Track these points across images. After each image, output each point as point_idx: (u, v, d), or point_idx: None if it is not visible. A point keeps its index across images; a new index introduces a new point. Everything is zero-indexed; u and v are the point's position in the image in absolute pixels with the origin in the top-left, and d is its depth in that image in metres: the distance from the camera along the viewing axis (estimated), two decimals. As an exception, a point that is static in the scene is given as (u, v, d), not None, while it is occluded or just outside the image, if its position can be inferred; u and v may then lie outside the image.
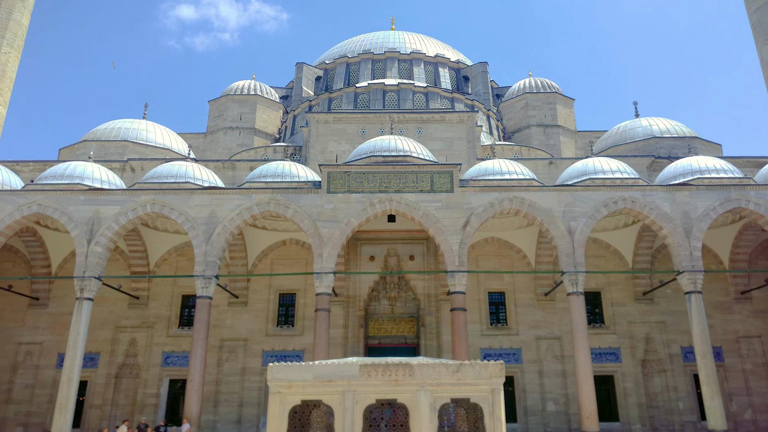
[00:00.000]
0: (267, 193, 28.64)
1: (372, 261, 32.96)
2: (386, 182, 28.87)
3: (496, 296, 33.17)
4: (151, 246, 33.08)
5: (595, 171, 31.60)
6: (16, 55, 47.78)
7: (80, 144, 41.48)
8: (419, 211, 28.23)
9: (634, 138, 41.89)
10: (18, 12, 48.29)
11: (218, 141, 49.52)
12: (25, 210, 28.24)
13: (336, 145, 39.99)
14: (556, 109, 49.53)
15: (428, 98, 48.76)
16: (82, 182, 30.83)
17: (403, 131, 39.64)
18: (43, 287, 32.72)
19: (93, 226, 27.90)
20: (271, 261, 33.48)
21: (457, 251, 27.43)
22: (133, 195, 28.71)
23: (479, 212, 28.24)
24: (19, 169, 37.22)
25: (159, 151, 41.78)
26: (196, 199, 28.55)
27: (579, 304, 27.12)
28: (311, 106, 50.25)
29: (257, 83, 53.00)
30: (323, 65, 56.00)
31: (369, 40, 57.00)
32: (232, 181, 37.45)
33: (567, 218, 28.10)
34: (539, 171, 36.90)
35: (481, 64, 54.38)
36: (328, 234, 27.71)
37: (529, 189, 28.91)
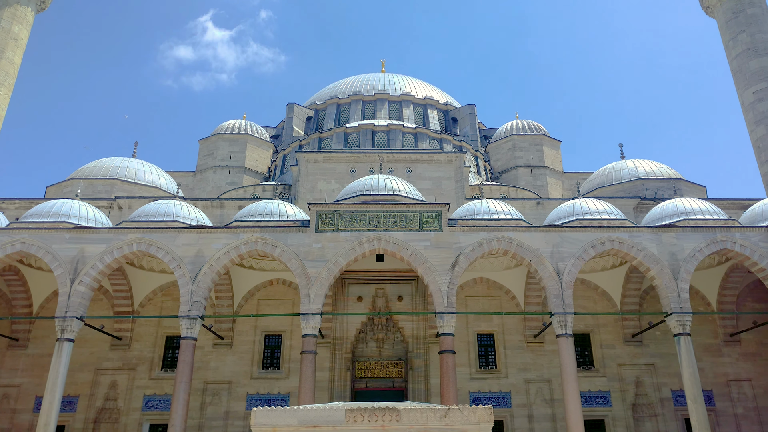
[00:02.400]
0: (255, 232, 28.47)
1: (360, 301, 32.65)
2: (375, 221, 28.86)
3: (485, 338, 32.83)
4: (136, 285, 32.60)
5: (582, 212, 31.84)
6: (6, 93, 47.95)
7: (68, 182, 41.29)
8: (408, 250, 28.15)
9: (620, 179, 42.45)
10: (10, 51, 48.71)
11: (207, 179, 49.53)
12: (8, 248, 27.82)
13: (326, 184, 40.11)
14: (543, 151, 50.25)
15: (417, 139, 49.33)
16: (68, 220, 30.51)
17: (392, 171, 39.93)
18: (23, 328, 31.97)
19: (77, 264, 27.50)
20: (258, 301, 33.05)
21: (445, 291, 27.26)
22: (120, 233, 28.43)
23: (468, 252, 28.21)
24: (5, 207, 36.90)
25: (147, 190, 41.65)
26: (183, 238, 28.30)
27: (568, 346, 26.88)
28: (301, 146, 50.61)
29: (248, 122, 53.43)
30: (314, 105, 56.68)
31: (359, 82, 57.95)
32: (220, 219, 37.29)
33: (555, 259, 28.13)
34: (527, 211, 37.13)
35: (468, 106, 55.30)
36: (316, 274, 27.48)
37: (517, 229, 29.01)
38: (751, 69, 34.88)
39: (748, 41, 35.93)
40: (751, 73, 34.74)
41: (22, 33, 50.48)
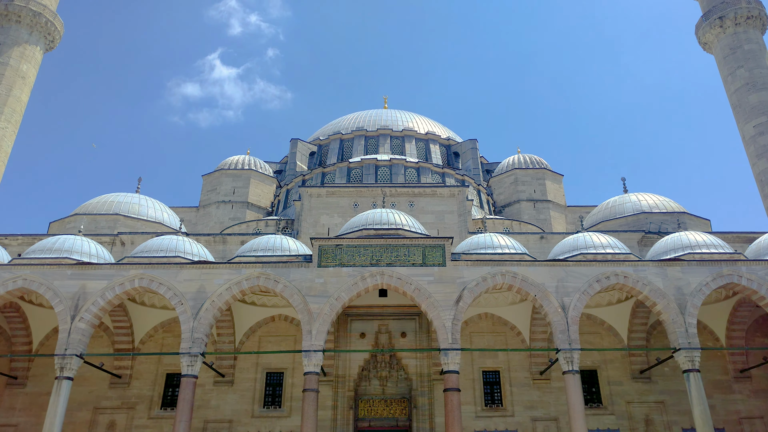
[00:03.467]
0: (257, 268, 28.28)
1: (362, 338, 32.18)
2: (378, 256, 28.66)
3: (490, 375, 32.22)
4: (137, 322, 32.27)
5: (586, 246, 31.69)
6: (13, 129, 48.55)
7: (71, 218, 41.37)
8: (411, 285, 27.87)
9: (623, 213, 42.36)
10: (18, 89, 49.50)
11: (210, 215, 49.60)
12: (9, 285, 27.65)
13: (328, 219, 40.09)
14: (546, 185, 50.34)
15: (420, 173, 49.52)
16: (70, 256, 30.46)
17: (395, 204, 39.96)
18: (22, 365, 31.54)
19: (78, 301, 27.27)
20: (259, 338, 32.64)
21: (450, 328, 26.87)
22: (122, 269, 28.28)
23: (472, 287, 27.91)
24: (8, 243, 36.88)
25: (150, 225, 41.66)
26: (185, 274, 28.11)
27: (575, 383, 26.33)
28: (305, 180, 50.83)
29: (251, 158, 53.80)
30: (317, 141, 57.15)
31: (362, 118, 58.56)
32: (222, 255, 37.18)
33: (560, 293, 27.81)
34: (530, 245, 36.95)
35: (470, 141, 55.69)
36: (318, 310, 27.16)
37: (521, 263, 28.76)
38: (751, 103, 35.17)
39: (746, 76, 36.34)
40: (751, 107, 35.01)
41: (30, 71, 51.36)
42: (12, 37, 50.34)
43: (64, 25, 54.36)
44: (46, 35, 52.70)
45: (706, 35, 43.98)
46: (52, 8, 53.76)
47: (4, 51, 49.74)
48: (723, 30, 42.74)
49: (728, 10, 42.91)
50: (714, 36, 43.41)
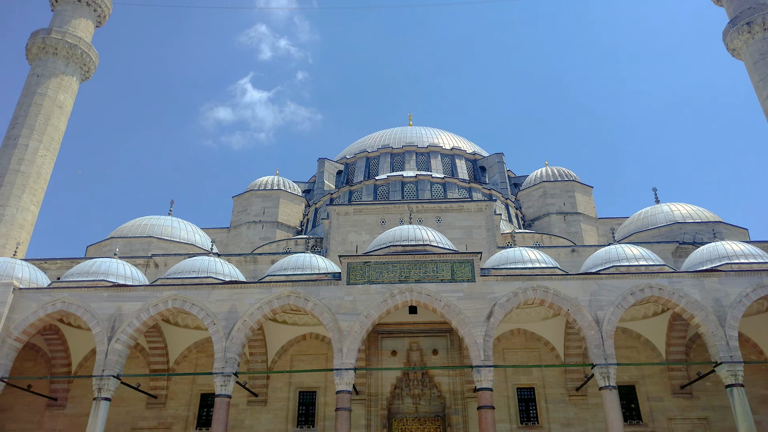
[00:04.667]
0: (287, 286, 28.50)
1: (394, 356, 32.04)
2: (406, 272, 28.61)
3: (525, 392, 31.66)
4: (172, 342, 32.76)
5: (618, 258, 31.09)
6: (51, 157, 50.29)
7: (107, 241, 42.40)
8: (441, 301, 27.70)
9: (656, 224, 41.50)
10: (56, 118, 51.34)
11: (241, 235, 50.31)
12: (49, 308, 28.42)
13: (356, 236, 40.26)
14: (575, 197, 49.71)
15: (446, 188, 49.46)
16: (107, 279, 31.16)
17: (422, 220, 39.92)
18: (62, 387, 32.22)
19: (115, 323, 27.85)
20: (291, 357, 32.78)
21: (482, 344, 26.57)
22: (156, 291, 28.82)
23: (503, 302, 27.61)
24: (47, 267, 37.94)
25: (183, 247, 42.41)
26: (217, 294, 28.49)
27: (613, 399, 25.71)
28: (332, 199, 51.23)
29: (280, 178, 54.55)
30: (344, 160, 57.67)
31: (387, 136, 58.96)
32: (253, 274, 37.59)
33: (593, 307, 27.30)
34: (561, 259, 36.42)
35: (497, 155, 55.45)
36: (348, 327, 27.18)
37: (552, 277, 28.37)
38: (785, 108, 34.22)
39: (779, 81, 35.41)
40: (785, 112, 34.06)
41: (68, 101, 53.30)
42: (50, 68, 52.38)
43: (98, 55, 56.32)
44: (81, 66, 54.65)
45: (735, 41, 43.24)
46: (87, 40, 55.80)
47: (42, 82, 51.75)
48: (752, 36, 41.99)
49: (756, 16, 42.17)
50: (742, 42, 42.64)
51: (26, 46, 53.77)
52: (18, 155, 47.31)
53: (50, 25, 55.26)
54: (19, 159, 47.16)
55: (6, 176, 46.20)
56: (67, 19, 55.36)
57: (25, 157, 47.45)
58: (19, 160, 47.11)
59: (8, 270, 31.87)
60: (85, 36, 56.04)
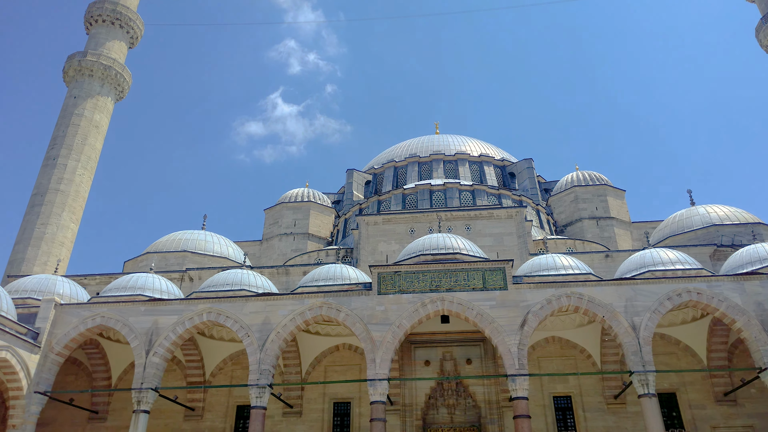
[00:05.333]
0: (319, 297, 28.69)
1: (427, 366, 31.90)
2: (437, 281, 28.51)
3: (561, 400, 31.14)
4: (207, 355, 33.26)
5: (654, 263, 30.49)
6: (89, 176, 51.80)
7: (143, 256, 43.38)
8: (473, 310, 27.51)
9: (692, 227, 40.53)
10: (93, 137, 52.92)
11: (273, 247, 50.91)
12: (89, 322, 29.18)
13: (386, 246, 40.35)
14: (608, 201, 48.94)
15: (475, 195, 49.22)
16: (143, 293, 31.87)
17: (451, 229, 39.79)
18: (102, 400, 32.97)
19: (152, 336, 28.43)
20: (325, 367, 32.91)
21: (516, 353, 26.28)
22: (191, 304, 29.35)
23: (536, 310, 27.28)
24: (87, 283, 39.01)
25: (216, 260, 43.11)
26: (251, 306, 28.84)
27: (653, 407, 25.10)
28: (361, 209, 51.49)
29: (310, 190, 55.12)
30: (372, 170, 57.95)
31: (415, 145, 59.07)
32: (286, 286, 37.97)
33: (629, 313, 26.77)
34: (595, 265, 35.87)
35: (526, 161, 54.99)
36: (380, 338, 27.19)
37: (586, 284, 27.93)
38: (826, 104, 33.13)
39: (818, 76, 34.32)
40: (826, 108, 32.97)
41: (103, 121, 54.92)
42: (86, 90, 54.10)
43: (132, 75, 57.95)
44: (116, 86, 56.30)
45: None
46: (120, 61, 57.50)
47: (78, 103, 53.46)
48: (788, 30, 40.80)
49: (792, 10, 40.98)
50: (778, 37, 41.48)
51: (63, 68, 55.65)
52: (57, 175, 48.86)
53: (85, 47, 57.13)
54: (59, 178, 48.69)
55: (46, 195, 47.75)
56: (102, 42, 57.15)
57: (64, 176, 48.97)
58: (58, 179, 48.64)
59: (50, 286, 32.90)
60: (119, 57, 57.74)
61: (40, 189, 48.47)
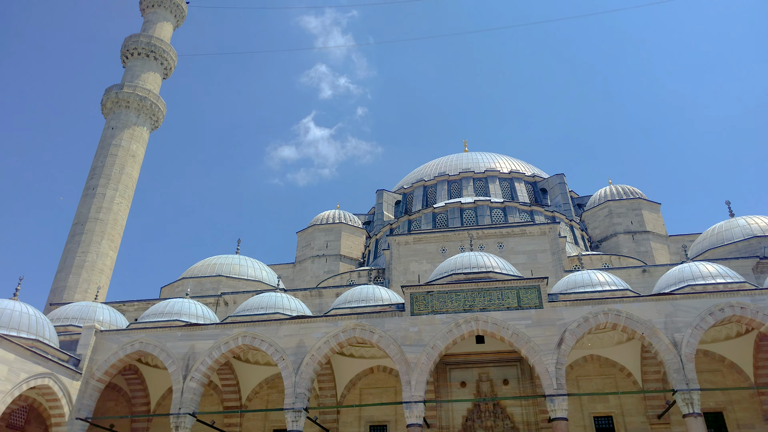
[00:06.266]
0: (352, 319, 28.67)
1: (463, 387, 31.47)
2: (470, 301, 28.23)
3: (602, 421, 30.29)
4: (243, 379, 33.49)
5: (693, 276, 29.67)
6: (126, 204, 53.26)
7: (179, 282, 44.16)
8: (508, 330, 27.12)
9: (732, 239, 39.33)
10: (129, 166, 54.52)
11: (306, 269, 51.28)
12: (128, 348, 29.74)
13: (417, 266, 40.23)
14: (643, 215, 47.95)
15: (506, 212, 48.79)
16: (180, 318, 32.37)
17: (483, 247, 39.47)
18: (142, 426, 33.40)
19: (189, 361, 28.79)
20: (360, 390, 32.78)
21: (553, 372, 25.75)
22: (226, 328, 29.67)
23: (573, 328, 26.76)
24: (125, 309, 39.86)
25: (251, 284, 43.59)
26: (285, 329, 28.99)
27: (698, 427, 24.22)
28: (392, 229, 51.54)
29: (341, 212, 55.54)
30: (402, 190, 58.11)
31: (443, 163, 59.08)
32: (319, 308, 38.11)
33: (670, 330, 26.03)
34: (632, 280, 35.08)
35: (557, 176, 54.40)
36: (415, 359, 26.98)
37: (624, 300, 27.30)
38: None
39: None
40: None
41: (140, 150, 56.60)
42: (123, 120, 55.96)
43: (166, 105, 59.72)
44: (151, 116, 58.11)
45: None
46: (155, 92, 59.39)
47: (116, 134, 55.28)
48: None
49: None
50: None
51: (101, 101, 57.73)
52: (97, 204, 50.39)
53: (122, 80, 59.22)
54: (98, 207, 50.21)
55: (86, 224, 49.21)
56: (137, 74, 59.17)
57: (103, 205, 50.48)
58: (97, 208, 50.15)
59: (90, 313, 33.73)
60: (154, 88, 59.64)
61: (81, 218, 50.00)
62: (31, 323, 28.43)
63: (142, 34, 61.40)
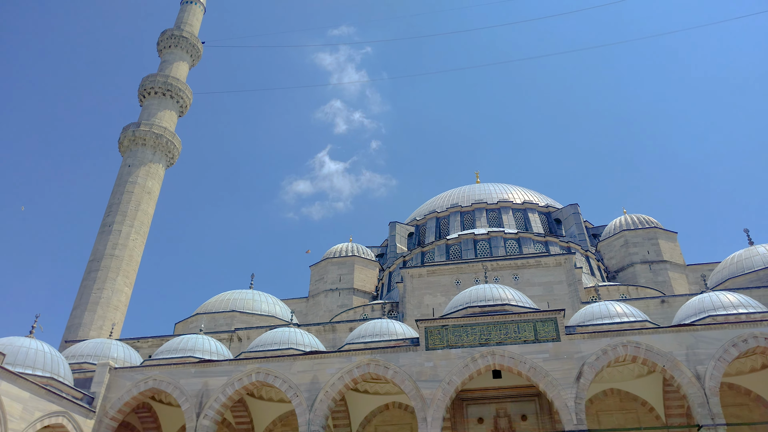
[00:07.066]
0: (366, 354, 28.33)
1: (480, 423, 30.73)
2: (486, 334, 27.82)
3: (625, 458, 29.37)
4: (257, 416, 33.06)
5: (714, 307, 29.06)
6: (141, 240, 53.71)
7: (193, 318, 44.11)
8: (525, 364, 26.62)
9: (752, 267, 38.58)
10: (145, 203, 55.15)
11: (319, 304, 51.05)
12: (141, 386, 29.54)
13: (431, 299, 39.86)
14: (659, 244, 47.37)
15: (520, 243, 48.45)
16: (193, 355, 32.18)
17: (498, 279, 39.09)
18: (155, 464, 33.00)
19: (202, 398, 28.53)
20: (375, 427, 32.17)
21: (573, 407, 25.11)
22: (239, 364, 29.44)
23: (592, 361, 26.19)
24: (140, 346, 39.78)
25: (264, 319, 43.41)
26: (299, 365, 28.70)
27: (727, 464, 23.37)
28: (405, 262, 51.31)
29: (354, 245, 55.49)
30: (414, 222, 58.08)
31: (456, 195, 59.11)
32: (333, 343, 37.77)
33: (692, 362, 25.37)
34: (651, 311, 34.45)
35: (571, 206, 54.13)
36: (431, 395, 26.50)
37: (643, 332, 26.76)
38: None
39: None
40: None
41: (155, 187, 57.36)
42: (139, 158, 56.91)
43: (181, 142, 60.73)
44: (166, 153, 59.06)
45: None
46: (171, 129, 60.52)
47: (132, 171, 56.15)
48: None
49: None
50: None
51: (119, 139, 58.87)
52: (113, 240, 50.88)
53: (139, 118, 60.47)
54: (114, 244, 50.67)
55: (102, 261, 49.62)
56: (154, 112, 60.44)
57: (119, 242, 50.95)
58: (113, 245, 50.61)
59: (105, 350, 33.68)
60: (170, 126, 60.79)
61: (97, 255, 50.45)
62: (46, 361, 28.44)
63: (158, 74, 62.92)
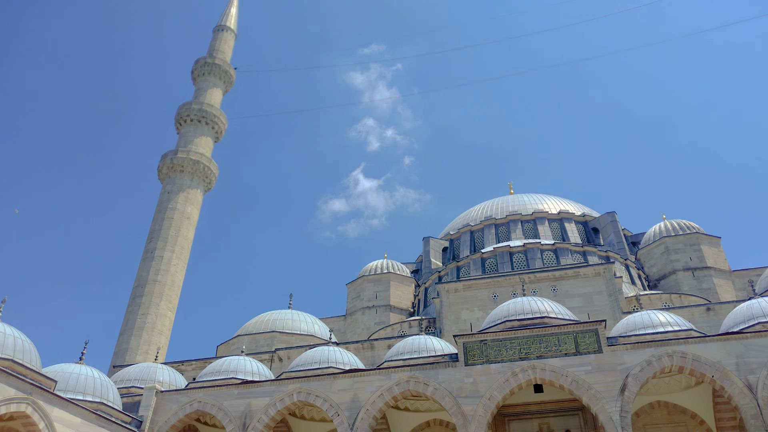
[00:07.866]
0: (405, 371, 28.33)
1: (523, 438, 30.32)
2: (526, 348, 27.52)
3: (676, 472, 28.48)
4: (299, 436, 33.29)
5: (764, 313, 28.06)
6: (182, 265, 55.08)
7: (234, 339, 44.89)
8: (567, 377, 26.19)
9: (803, 270, 37.20)
10: (185, 228, 56.63)
11: (357, 321, 51.27)
12: (187, 408, 30.17)
13: (468, 313, 39.63)
14: (702, 250, 46.05)
15: (558, 254, 47.79)
16: (236, 376, 32.70)
17: (536, 291, 38.65)
18: (202, 486, 33.46)
19: (245, 419, 28.93)
20: (417, 444, 31.99)
21: (618, 421, 24.55)
22: (281, 384, 29.80)
23: (636, 373, 25.61)
24: (184, 369, 40.66)
25: (303, 338, 43.85)
26: (339, 384, 28.88)
27: (784, 478, 22.44)
28: (440, 277, 51.17)
29: (389, 261, 55.64)
30: (448, 236, 57.93)
31: (489, 207, 58.78)
32: (371, 361, 37.87)
33: (742, 371, 24.54)
34: (696, 319, 33.52)
35: (609, 214, 53.20)
36: (472, 412, 26.29)
37: (689, 341, 26.07)
38: None
39: None
40: None
41: (194, 212, 58.88)
42: (177, 184, 58.57)
43: (218, 167, 62.28)
44: (204, 179, 60.63)
45: None
46: (207, 155, 62.16)
47: (172, 198, 57.79)
48: None
49: None
50: None
51: (158, 167, 60.77)
52: (155, 266, 52.34)
53: (176, 146, 62.35)
54: (156, 270, 52.11)
55: (146, 286, 51.05)
56: (190, 139, 62.25)
57: (161, 267, 52.38)
58: (156, 270, 52.06)
59: (151, 374, 34.54)
60: (206, 152, 62.47)
61: (141, 281, 51.95)
62: (96, 386, 29.35)
63: (194, 102, 64.88)
